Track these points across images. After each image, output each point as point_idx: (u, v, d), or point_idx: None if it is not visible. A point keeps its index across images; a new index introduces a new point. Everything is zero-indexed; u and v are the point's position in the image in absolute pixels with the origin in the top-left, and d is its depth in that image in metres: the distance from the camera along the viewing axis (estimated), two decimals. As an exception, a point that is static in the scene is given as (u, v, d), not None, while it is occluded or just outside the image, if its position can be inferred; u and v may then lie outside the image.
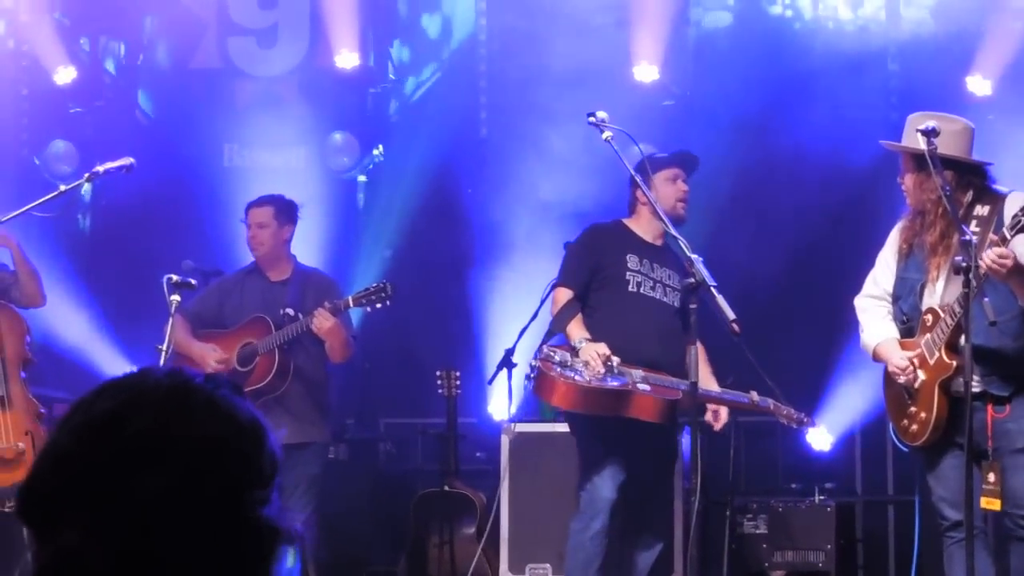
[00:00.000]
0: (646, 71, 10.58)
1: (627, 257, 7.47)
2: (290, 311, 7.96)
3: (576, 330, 7.34)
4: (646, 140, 9.74)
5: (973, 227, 6.27)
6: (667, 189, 7.45)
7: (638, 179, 7.04)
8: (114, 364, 10.45)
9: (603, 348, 7.21)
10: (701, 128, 10.87)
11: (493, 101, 11.41)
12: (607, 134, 6.88)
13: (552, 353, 7.36)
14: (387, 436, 11.14)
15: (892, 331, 6.64)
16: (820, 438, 9.50)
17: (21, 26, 11.02)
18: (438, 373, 9.13)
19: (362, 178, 11.64)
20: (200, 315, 8.27)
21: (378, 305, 7.80)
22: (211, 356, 8.07)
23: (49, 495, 1.70)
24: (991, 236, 6.01)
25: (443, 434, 9.08)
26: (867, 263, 6.82)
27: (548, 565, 8.28)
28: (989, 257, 5.89)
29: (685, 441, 7.95)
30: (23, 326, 8.17)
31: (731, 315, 6.60)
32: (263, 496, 1.74)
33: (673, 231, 6.88)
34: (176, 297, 7.09)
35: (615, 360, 7.15)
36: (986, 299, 6.07)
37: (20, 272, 8.18)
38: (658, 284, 7.40)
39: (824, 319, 10.09)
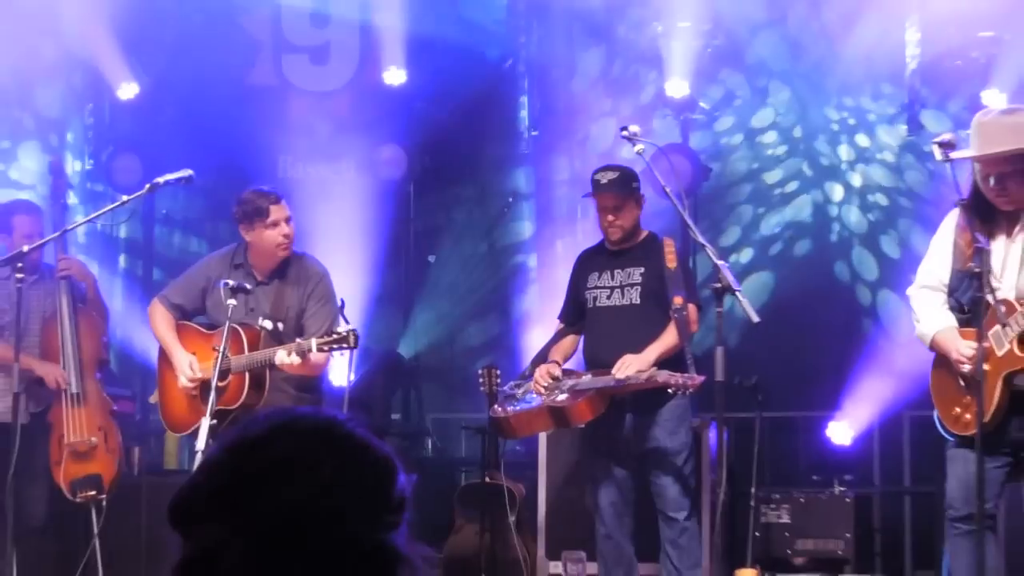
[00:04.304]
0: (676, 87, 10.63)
1: (589, 277, 7.61)
2: (267, 324, 7.13)
3: (554, 353, 7.64)
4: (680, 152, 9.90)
5: None
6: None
7: (668, 189, 7.05)
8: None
9: (547, 372, 7.48)
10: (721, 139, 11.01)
11: (533, 115, 11.51)
12: (639, 147, 6.96)
13: (509, 389, 7.73)
14: (433, 430, 11.21)
15: (951, 320, 6.28)
16: (839, 432, 9.56)
17: (86, 43, 11.10)
18: (479, 371, 9.14)
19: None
20: (182, 307, 7.61)
21: (339, 354, 7.04)
22: (187, 373, 7.36)
23: (200, 499, 1.83)
24: None
25: (484, 428, 9.10)
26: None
27: (583, 552, 8.26)
28: None
29: (712, 435, 8.04)
30: (100, 329, 8.28)
31: (755, 318, 6.66)
32: (391, 521, 1.85)
33: (700, 238, 6.95)
34: (232, 301, 6.87)
35: (557, 376, 7.44)
36: None
37: (91, 305, 8.34)
38: (615, 290, 7.48)
39: (844, 325, 10.16)
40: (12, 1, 10.51)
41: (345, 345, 6.94)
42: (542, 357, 7.66)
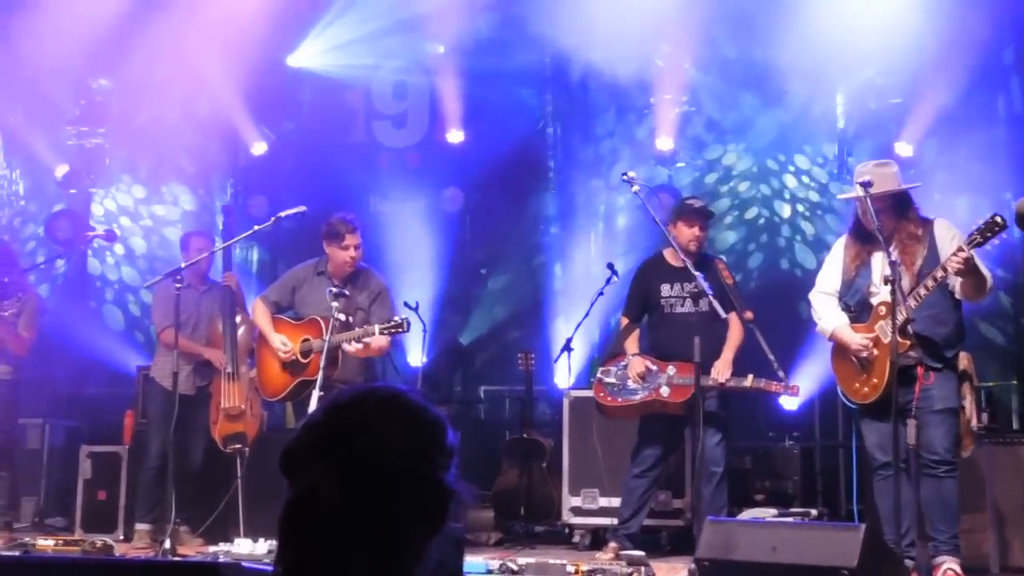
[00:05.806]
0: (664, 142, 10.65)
1: (661, 287, 7.43)
2: (341, 317, 7.00)
3: (630, 346, 7.47)
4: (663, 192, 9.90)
5: (910, 242, 6.24)
6: (685, 231, 7.33)
7: (658, 220, 7.05)
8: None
9: (638, 367, 7.34)
10: (697, 180, 10.98)
11: (558, 163, 11.56)
12: (635, 187, 6.95)
13: (603, 377, 7.50)
14: (484, 399, 11.24)
15: (844, 319, 6.46)
16: (790, 400, 9.52)
17: (230, 115, 11.20)
18: (519, 354, 9.20)
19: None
20: (278, 304, 7.69)
21: (395, 335, 7.08)
22: (281, 350, 7.44)
23: (303, 449, 1.82)
24: (957, 245, 5.92)
25: (523, 398, 9.14)
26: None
27: (596, 489, 8.28)
28: (957, 259, 5.84)
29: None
30: (251, 328, 8.38)
31: (723, 314, 6.74)
32: (444, 464, 1.83)
33: (682, 255, 7.02)
34: (336, 303, 6.88)
35: (647, 368, 7.31)
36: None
37: (239, 307, 8.41)
38: (687, 299, 7.31)
39: (791, 318, 10.12)
40: (186, 104, 10.61)
41: (401, 329, 6.95)
42: (619, 346, 7.54)
